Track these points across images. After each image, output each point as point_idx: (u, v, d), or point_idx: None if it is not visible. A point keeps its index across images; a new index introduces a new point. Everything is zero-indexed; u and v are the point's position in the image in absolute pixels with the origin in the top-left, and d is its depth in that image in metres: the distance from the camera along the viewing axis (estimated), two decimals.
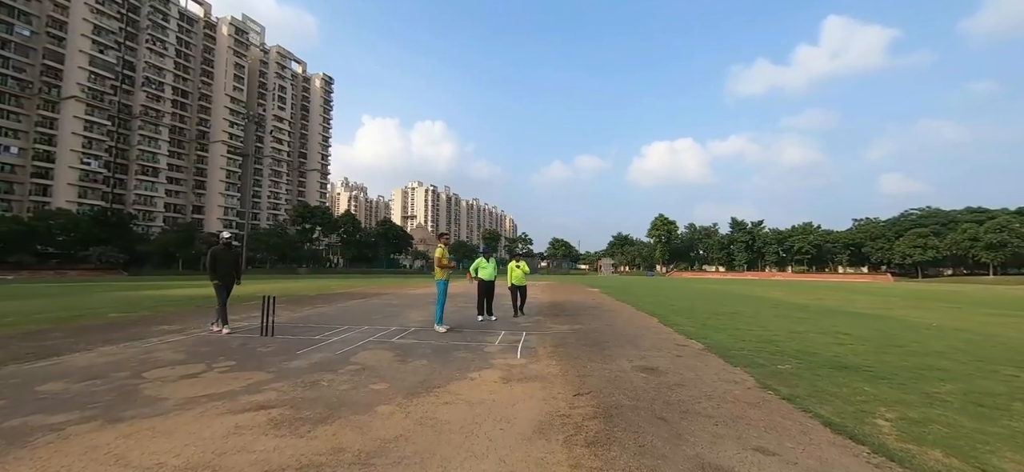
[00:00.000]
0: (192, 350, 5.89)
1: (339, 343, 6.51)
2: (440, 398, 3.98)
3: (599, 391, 4.28)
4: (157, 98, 78.42)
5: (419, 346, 6.38)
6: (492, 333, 7.72)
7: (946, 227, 66.46)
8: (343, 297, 15.74)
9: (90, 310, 10.69)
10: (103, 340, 6.49)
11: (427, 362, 5.37)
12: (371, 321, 9.07)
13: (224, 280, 7.28)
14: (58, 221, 55.65)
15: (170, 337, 6.84)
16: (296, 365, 5.11)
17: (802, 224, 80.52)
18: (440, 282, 7.95)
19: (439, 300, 7.87)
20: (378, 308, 11.88)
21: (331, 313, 10.40)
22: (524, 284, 10.00)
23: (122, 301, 13.58)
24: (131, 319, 8.94)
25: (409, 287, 25.06)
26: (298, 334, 7.28)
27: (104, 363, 5.08)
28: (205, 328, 7.73)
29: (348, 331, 7.63)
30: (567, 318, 10.07)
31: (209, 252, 7.25)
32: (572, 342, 6.92)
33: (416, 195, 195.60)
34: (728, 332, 8.22)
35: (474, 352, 6.05)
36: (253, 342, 6.49)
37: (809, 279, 59.92)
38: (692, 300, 16.54)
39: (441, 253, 7.97)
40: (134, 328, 7.68)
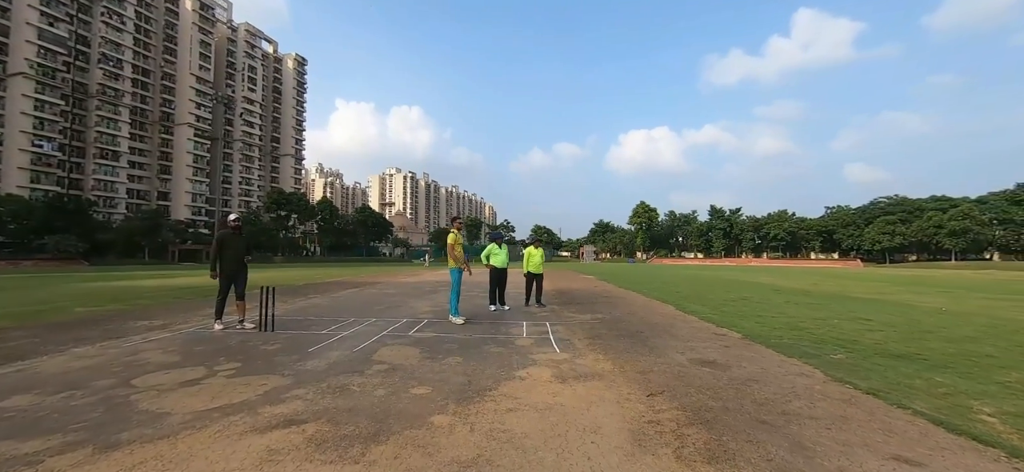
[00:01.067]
0: (184, 350, 5.12)
1: (352, 339, 5.84)
2: (499, 404, 3.42)
3: (672, 390, 3.80)
4: (115, 76, 73.38)
5: (443, 340, 5.79)
6: (513, 324, 7.18)
7: (912, 215, 69.54)
8: (334, 286, 14.89)
9: (52, 304, 9.59)
10: (74, 339, 5.62)
11: (461, 359, 4.79)
12: (375, 313, 8.38)
13: (233, 269, 6.44)
14: (9, 207, 51.63)
15: (154, 335, 6.02)
16: (313, 366, 4.44)
17: (777, 212, 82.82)
18: (454, 271, 7.33)
19: (454, 289, 7.26)
20: (376, 298, 11.15)
21: (328, 305, 9.64)
22: (541, 272, 9.46)
23: (87, 294, 12.37)
24: (102, 314, 7.98)
25: (399, 275, 24.18)
26: (301, 329, 6.56)
27: (81, 368, 4.28)
28: (193, 322, 6.90)
29: (356, 324, 6.96)
30: (582, 306, 9.62)
31: (216, 238, 6.37)
32: (604, 333, 6.46)
33: (394, 182, 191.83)
34: (753, 319, 7.93)
35: (505, 346, 5.51)
36: (253, 339, 5.75)
37: (786, 265, 61.81)
38: (693, 287, 16.42)
39: (454, 239, 7.34)
40: (108, 324, 6.78)
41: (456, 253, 7.33)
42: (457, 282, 7.28)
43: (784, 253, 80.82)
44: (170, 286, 15.21)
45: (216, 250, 6.28)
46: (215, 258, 6.28)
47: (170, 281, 18.46)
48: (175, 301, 10.28)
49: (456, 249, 7.32)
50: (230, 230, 6.43)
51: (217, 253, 6.29)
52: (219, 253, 6.29)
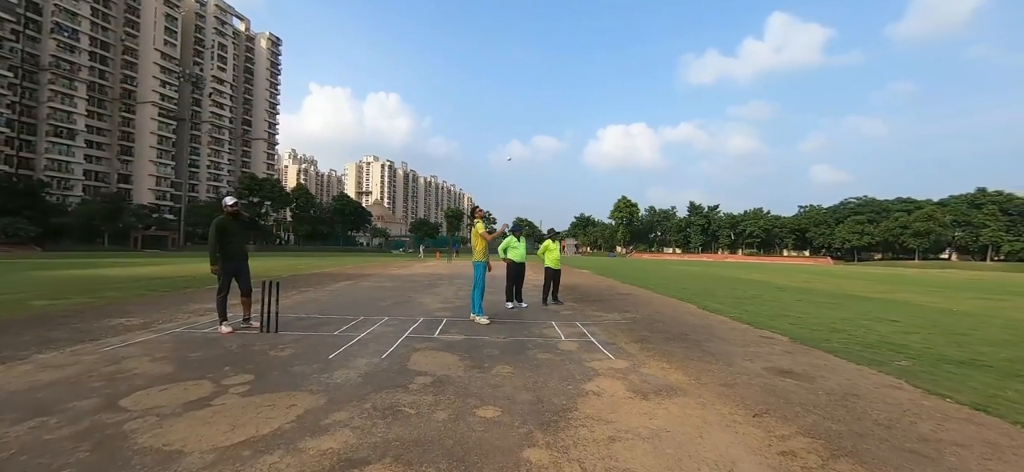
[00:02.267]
0: (177, 356, 4.31)
1: (373, 342, 5.13)
2: (593, 430, 2.84)
3: (775, 409, 3.31)
4: (71, 49, 68.18)
5: (477, 344, 5.15)
6: (543, 324, 6.60)
7: (879, 215, 72.67)
8: (325, 279, 13.93)
9: (7, 297, 8.39)
10: (37, 342, 4.70)
11: (512, 369, 4.18)
12: (383, 310, 7.64)
13: (234, 261, 5.57)
14: None
15: (134, 336, 5.13)
16: (343, 378, 3.74)
17: (754, 210, 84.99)
18: (478, 264, 6.67)
19: (478, 285, 6.60)
20: (376, 293, 10.36)
21: (327, 300, 8.81)
22: (559, 267, 8.89)
23: (46, 284, 11.06)
24: (68, 309, 6.94)
25: (389, 267, 23.16)
26: (307, 329, 5.78)
27: (52, 383, 3.44)
28: (178, 321, 6.00)
29: (368, 324, 6.23)
30: (601, 304, 9.12)
31: (214, 224, 5.45)
32: (647, 335, 5.95)
33: (372, 170, 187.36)
34: (784, 320, 7.62)
35: (551, 351, 4.92)
36: (257, 342, 4.96)
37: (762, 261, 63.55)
38: (696, 283, 16.25)
39: (481, 228, 6.67)
40: (77, 322, 5.82)
41: (481, 246, 6.67)
42: (482, 278, 6.63)
43: (758, 250, 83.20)
44: (140, 276, 13.89)
45: (215, 239, 5.39)
46: (215, 248, 5.39)
47: (139, 270, 16.99)
48: (149, 293, 9.21)
49: (481, 242, 6.67)
50: (227, 215, 5.56)
51: (216, 242, 5.40)
52: (219, 241, 5.41)
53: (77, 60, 68.72)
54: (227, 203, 5.61)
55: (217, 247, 5.40)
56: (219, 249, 5.42)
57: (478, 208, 6.90)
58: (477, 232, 6.69)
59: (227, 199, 5.64)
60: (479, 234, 6.65)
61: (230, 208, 5.59)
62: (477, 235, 6.68)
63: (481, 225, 6.71)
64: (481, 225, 6.71)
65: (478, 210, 6.87)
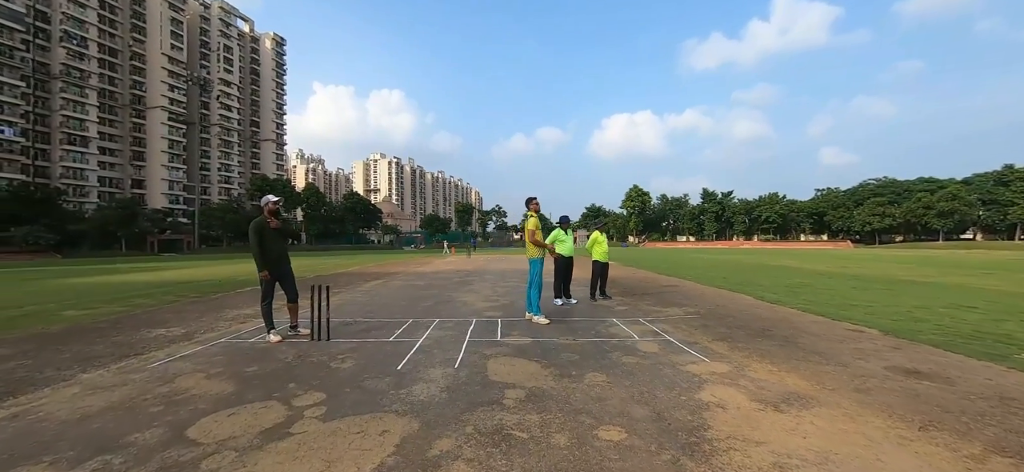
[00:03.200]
0: (233, 372, 3.92)
1: (437, 349, 4.71)
2: (748, 454, 2.39)
3: (938, 420, 2.82)
4: (80, 56, 68.60)
5: (551, 348, 4.70)
6: (606, 322, 6.14)
7: (901, 196, 70.67)
8: (355, 279, 13.60)
9: (35, 307, 8.13)
10: (78, 359, 4.34)
11: (606, 378, 3.73)
12: (429, 310, 7.23)
13: (277, 266, 5.16)
14: None
15: (180, 348, 4.76)
16: (425, 394, 3.32)
17: (769, 195, 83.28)
18: (535, 261, 6.21)
19: (534, 283, 6.15)
20: (412, 292, 9.97)
21: (364, 301, 8.42)
22: (607, 261, 8.40)
23: (72, 292, 10.83)
24: (102, 320, 6.62)
25: (410, 264, 22.82)
26: (360, 335, 5.38)
27: (104, 409, 3.06)
28: (219, 329, 5.64)
29: (420, 328, 5.82)
30: (652, 298, 8.63)
31: (252, 227, 5.04)
32: (726, 332, 5.47)
33: (379, 168, 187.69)
34: (858, 309, 7.09)
35: (634, 354, 4.47)
36: (313, 351, 4.56)
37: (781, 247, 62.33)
38: (731, 272, 15.69)
39: (534, 224, 6.20)
40: (115, 335, 5.48)
41: (537, 238, 6.21)
42: (539, 275, 6.17)
43: (775, 235, 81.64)
44: (164, 281, 13.67)
45: (258, 242, 4.98)
46: (259, 252, 4.98)
47: (162, 275, 16.83)
48: (180, 299, 8.91)
49: (537, 234, 6.20)
50: (266, 216, 5.14)
51: (260, 245, 4.99)
52: (261, 245, 5.00)
53: (87, 67, 69.15)
54: (269, 200, 5.18)
55: (260, 251, 5.00)
56: (263, 256, 5.01)
57: (533, 200, 6.38)
58: (528, 227, 6.22)
59: (269, 196, 5.22)
60: (530, 230, 6.18)
61: (272, 206, 5.16)
62: (528, 230, 6.22)
63: (534, 220, 6.23)
64: (534, 220, 6.23)
65: (533, 202, 6.37)
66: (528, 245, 6.22)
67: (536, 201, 6.42)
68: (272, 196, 5.21)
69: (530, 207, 6.38)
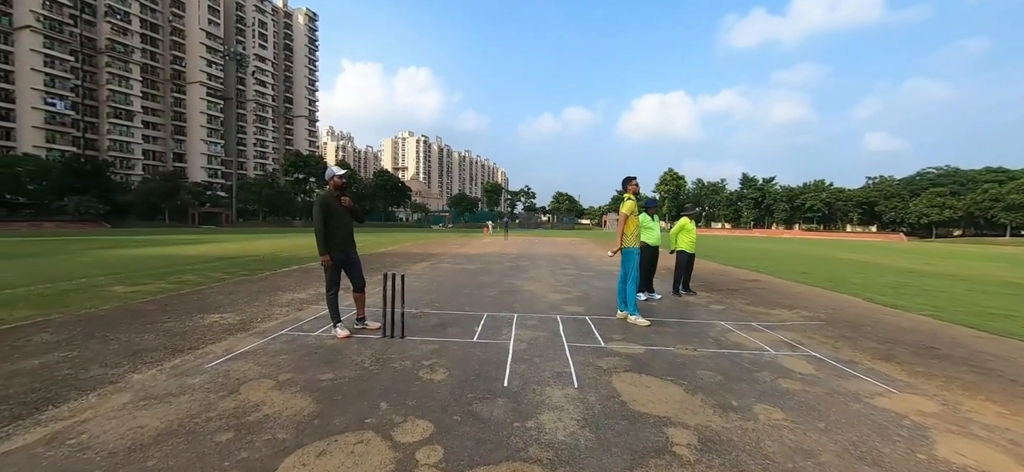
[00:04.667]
0: (305, 381, 3.22)
1: (537, 356, 3.91)
2: None
3: None
4: (124, 31, 70.59)
5: (678, 363, 3.83)
6: (710, 325, 5.21)
7: (964, 187, 65.00)
8: (400, 261, 13.04)
9: (83, 281, 7.82)
10: (128, 353, 3.76)
11: (781, 413, 2.83)
12: (497, 302, 6.47)
13: (343, 248, 4.44)
14: (26, 167, 50.46)
15: (238, 342, 4.13)
16: (561, 429, 2.51)
17: (814, 182, 78.42)
18: (631, 252, 5.28)
19: (631, 277, 5.24)
20: (466, 277, 9.25)
21: (421, 288, 7.74)
22: (694, 251, 7.40)
23: (120, 264, 10.65)
24: (150, 300, 6.15)
25: (449, 244, 22.29)
26: (435, 333, 4.64)
27: (161, 434, 2.39)
28: (276, 316, 5.02)
29: (498, 325, 5.06)
30: (746, 297, 7.59)
31: (318, 202, 4.34)
32: (879, 348, 4.45)
33: (407, 146, 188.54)
34: (1009, 320, 5.89)
35: (791, 377, 3.54)
36: (390, 352, 3.83)
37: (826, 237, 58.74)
38: (799, 264, 14.37)
39: (631, 208, 5.26)
40: (165, 321, 4.93)
41: (632, 227, 5.28)
42: (636, 267, 5.26)
43: (818, 225, 77.16)
44: (208, 255, 13.48)
45: (322, 221, 4.27)
46: (323, 232, 4.27)
47: (204, 248, 16.80)
48: (227, 277, 8.47)
49: (631, 222, 5.27)
50: (332, 191, 4.41)
51: (324, 223, 4.27)
52: (325, 223, 4.28)
53: (130, 42, 71.13)
54: (335, 173, 4.44)
55: (325, 231, 4.28)
56: (328, 234, 4.29)
57: (632, 180, 5.42)
58: (622, 211, 5.27)
59: (334, 169, 4.47)
60: (624, 215, 5.23)
61: (338, 180, 4.42)
62: (624, 216, 5.27)
63: (631, 203, 5.28)
64: (631, 203, 5.28)
65: (632, 183, 5.39)
66: (623, 233, 5.29)
67: (635, 182, 5.46)
68: (338, 169, 4.44)
69: (628, 188, 5.43)
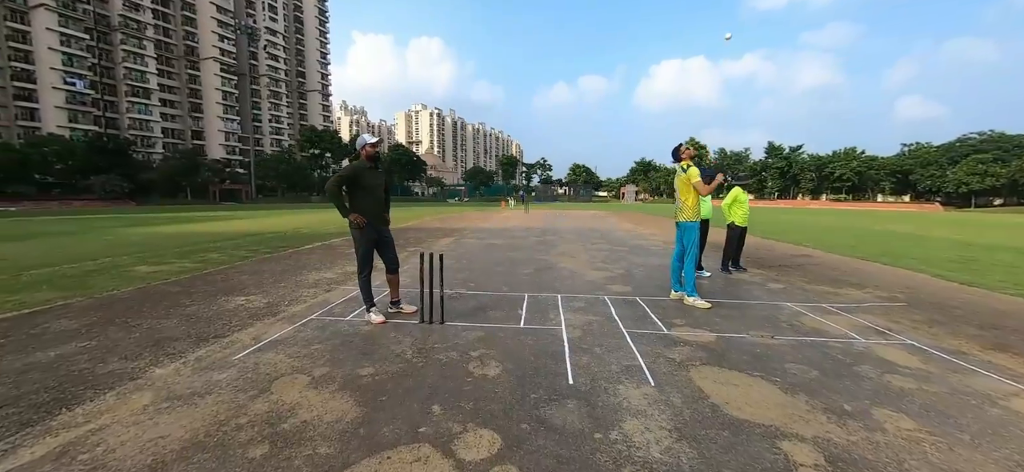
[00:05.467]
0: (343, 376, 2.85)
1: (596, 345, 3.48)
2: None
3: None
4: (135, 6, 70.31)
5: (763, 354, 3.34)
6: (774, 306, 4.70)
7: (1009, 154, 60.94)
8: (424, 236, 12.72)
9: (107, 261, 7.66)
10: (151, 342, 3.45)
11: (911, 421, 2.34)
12: (534, 281, 6.05)
13: (376, 227, 4.04)
14: (52, 147, 51.52)
15: (265, 329, 3.81)
16: (658, 447, 2.09)
17: (844, 150, 74.76)
18: (690, 226, 4.74)
19: (690, 255, 4.72)
20: (495, 253, 8.85)
21: (450, 266, 7.35)
22: (746, 225, 6.81)
23: (145, 243, 10.55)
24: (173, 281, 5.90)
25: (468, 217, 21.96)
26: (475, 317, 4.24)
27: (187, 447, 2.04)
28: (304, 298, 4.69)
29: (545, 309, 4.65)
30: (804, 274, 7.01)
31: (346, 171, 3.90)
32: (989, 336, 3.88)
33: (420, 119, 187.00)
34: None
35: (898, 372, 3.03)
36: (432, 341, 3.45)
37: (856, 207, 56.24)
38: (845, 237, 13.58)
39: (695, 175, 4.68)
40: (189, 304, 4.64)
41: (693, 200, 4.73)
42: (696, 243, 4.73)
43: (847, 195, 74.04)
44: (231, 233, 13.37)
45: (349, 187, 3.87)
46: (343, 200, 3.86)
47: (226, 225, 16.78)
48: (251, 256, 8.23)
49: (693, 195, 4.71)
50: (364, 161, 3.97)
51: (352, 193, 3.87)
52: (352, 193, 3.89)
53: (142, 18, 70.93)
54: (367, 141, 3.99)
55: (345, 202, 3.86)
56: (357, 205, 3.89)
57: (686, 146, 4.86)
58: (687, 181, 4.71)
59: (366, 136, 4.02)
60: (692, 183, 4.68)
61: (370, 149, 3.98)
62: (686, 184, 4.72)
63: (695, 171, 4.71)
64: (695, 171, 4.71)
65: (686, 149, 4.83)
66: (683, 205, 4.74)
67: (690, 148, 4.87)
68: (370, 136, 3.99)
69: (683, 154, 4.84)
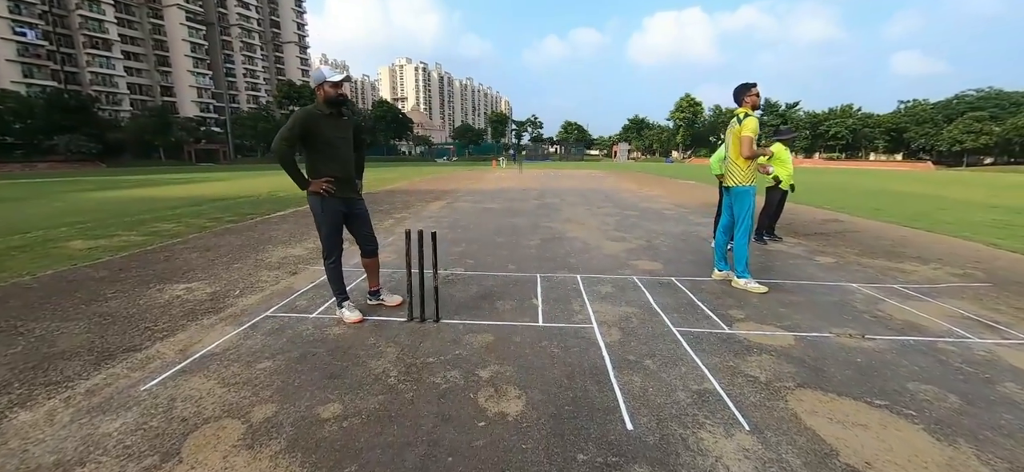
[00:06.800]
0: (301, 419, 1.95)
1: (645, 352, 2.61)
2: None
3: None
4: None
5: (876, 367, 2.52)
6: (842, 289, 3.88)
7: (1006, 112, 60.09)
8: (412, 199, 11.62)
9: (40, 234, 6.53)
10: (38, 359, 2.50)
11: None
12: (545, 256, 5.15)
13: (344, 194, 2.99)
14: (7, 104, 47.81)
15: (201, 332, 2.86)
16: None
17: (841, 107, 73.24)
18: (745, 192, 3.81)
19: (744, 228, 3.83)
20: (491, 220, 7.89)
21: (444, 236, 6.40)
22: (789, 186, 5.90)
23: (96, 210, 9.34)
24: (104, 261, 4.88)
25: (459, 178, 20.73)
26: (481, 311, 3.34)
27: None
28: (258, 286, 3.73)
29: (565, 292, 3.76)
30: (848, 243, 6.22)
31: (297, 122, 2.74)
32: None
33: (405, 74, 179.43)
34: None
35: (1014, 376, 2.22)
36: (424, 349, 2.54)
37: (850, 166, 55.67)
38: (869, 200, 12.90)
39: (752, 128, 3.69)
40: (112, 295, 3.67)
41: (746, 163, 3.78)
42: (751, 214, 3.82)
43: (841, 153, 73.35)
44: (198, 197, 12.12)
45: (292, 150, 2.77)
46: (292, 166, 2.80)
47: (196, 188, 15.42)
48: (211, 226, 7.15)
49: (748, 161, 3.77)
50: (322, 104, 2.88)
51: (294, 157, 2.80)
52: (307, 152, 2.86)
53: None
54: (324, 76, 2.81)
55: (295, 163, 2.79)
56: (311, 163, 2.86)
57: (751, 87, 3.75)
58: (742, 134, 3.73)
59: (325, 70, 2.83)
60: (748, 137, 3.69)
61: (331, 88, 2.84)
62: (740, 138, 3.74)
63: (753, 122, 3.72)
64: (753, 122, 3.72)
65: (752, 92, 3.73)
66: (733, 166, 3.80)
67: (756, 90, 3.81)
68: (329, 71, 2.81)
69: (746, 99, 3.79)
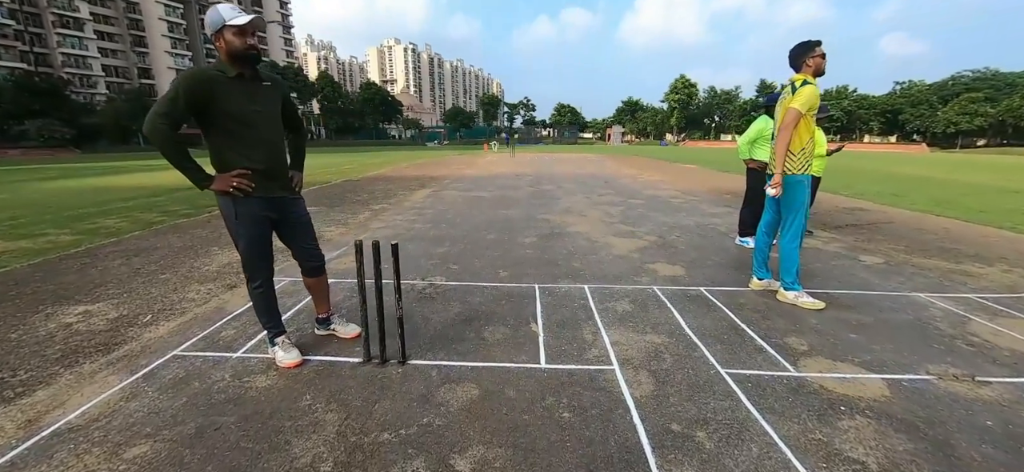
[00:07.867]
0: None
1: (695, 417, 1.81)
2: None
3: None
4: None
5: (1015, 434, 1.74)
6: (909, 301, 3.13)
7: (1002, 93, 59.73)
8: (395, 187, 10.69)
9: None
10: None
11: None
12: (545, 261, 4.34)
13: (269, 194, 2.12)
14: None
15: (70, 389, 2.02)
16: None
17: (837, 88, 72.61)
18: (799, 182, 2.99)
19: (793, 228, 3.04)
20: (487, 214, 7.05)
21: (426, 232, 5.57)
22: (822, 173, 5.09)
23: (37, 203, 8.34)
24: (6, 272, 3.97)
25: (449, 163, 19.71)
26: (460, 342, 2.52)
27: None
28: (173, 316, 2.89)
29: (576, 314, 2.95)
30: (890, 238, 5.50)
31: (184, 86, 1.87)
32: None
33: (394, 55, 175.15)
34: None
35: None
36: (382, 410, 1.73)
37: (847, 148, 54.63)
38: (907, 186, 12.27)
39: (811, 99, 2.86)
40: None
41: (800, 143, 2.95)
42: (803, 211, 3.03)
43: (835, 135, 73.08)
44: (160, 186, 11.09)
45: (172, 130, 1.92)
46: (184, 150, 1.97)
47: (160, 177, 14.33)
48: (164, 220, 6.23)
49: (805, 132, 2.93)
50: (224, 66, 2.00)
51: (175, 139, 1.95)
52: (210, 134, 2.04)
53: None
54: (222, 18, 1.94)
55: (182, 149, 1.98)
56: (216, 157, 2.03)
57: (813, 49, 2.91)
58: (790, 105, 2.90)
59: (222, 8, 1.96)
60: (794, 112, 2.86)
61: (235, 36, 1.95)
62: (786, 111, 2.91)
63: (810, 91, 2.88)
64: (810, 91, 2.88)
65: (815, 53, 2.91)
66: (779, 148, 2.97)
67: (819, 51, 2.95)
68: (230, 9, 1.95)
69: (809, 59, 2.94)
